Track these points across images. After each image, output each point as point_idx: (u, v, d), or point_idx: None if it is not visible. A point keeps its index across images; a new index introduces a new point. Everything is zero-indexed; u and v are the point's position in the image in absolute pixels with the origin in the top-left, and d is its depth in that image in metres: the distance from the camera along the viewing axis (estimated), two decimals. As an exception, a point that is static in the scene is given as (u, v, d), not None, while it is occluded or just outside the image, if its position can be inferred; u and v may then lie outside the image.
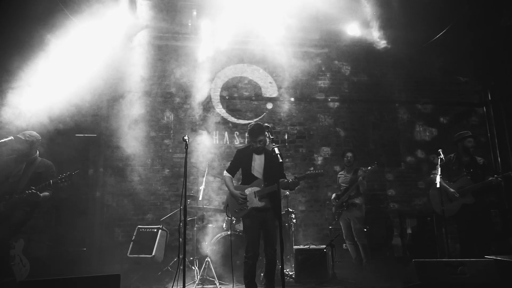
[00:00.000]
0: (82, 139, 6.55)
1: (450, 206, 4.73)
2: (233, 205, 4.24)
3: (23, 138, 4.41)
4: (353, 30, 7.21)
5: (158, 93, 7.27)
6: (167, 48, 7.38)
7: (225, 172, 4.40)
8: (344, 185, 5.93)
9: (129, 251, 5.62)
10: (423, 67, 8.09)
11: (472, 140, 4.95)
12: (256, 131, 4.17)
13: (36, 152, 4.58)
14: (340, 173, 6.25)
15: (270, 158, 4.00)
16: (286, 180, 4.19)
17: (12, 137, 4.40)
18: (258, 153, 4.26)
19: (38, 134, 4.57)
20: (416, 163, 7.70)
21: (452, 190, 4.81)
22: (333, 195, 6.08)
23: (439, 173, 4.47)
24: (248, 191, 4.20)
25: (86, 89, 6.25)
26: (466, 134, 4.99)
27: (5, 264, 4.20)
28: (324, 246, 5.36)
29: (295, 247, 5.44)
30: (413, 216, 6.81)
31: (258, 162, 4.23)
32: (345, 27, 7.22)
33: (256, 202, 4.13)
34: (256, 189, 4.17)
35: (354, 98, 7.86)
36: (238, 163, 4.37)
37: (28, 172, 4.42)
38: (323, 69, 7.89)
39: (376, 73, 8.00)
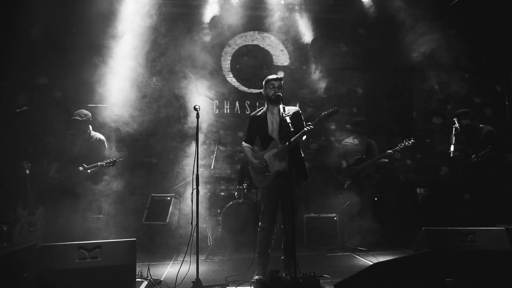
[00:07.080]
0: (94, 109, 6.57)
1: None
2: (256, 176, 3.95)
3: (80, 119, 4.78)
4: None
5: (167, 62, 7.18)
6: (176, 16, 7.18)
7: (243, 143, 4.11)
8: (358, 154, 5.82)
9: (144, 218, 5.79)
10: (439, 33, 7.77)
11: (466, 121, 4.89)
12: (269, 76, 3.95)
13: (90, 127, 4.97)
14: (346, 140, 6.02)
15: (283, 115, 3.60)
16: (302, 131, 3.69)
17: (26, 107, 4.51)
18: (274, 104, 3.88)
19: (88, 111, 4.96)
20: (429, 132, 7.59)
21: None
22: (344, 164, 5.91)
23: (453, 142, 4.44)
24: (267, 155, 3.87)
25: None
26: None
27: None
28: (334, 214, 5.43)
29: (305, 215, 5.52)
30: (424, 185, 6.79)
31: (274, 120, 3.91)
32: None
33: (277, 165, 3.78)
34: (274, 150, 3.85)
35: (368, 66, 7.65)
36: (254, 128, 4.07)
37: (84, 147, 4.84)
38: (336, 35, 7.65)
39: (391, 40, 7.72)
